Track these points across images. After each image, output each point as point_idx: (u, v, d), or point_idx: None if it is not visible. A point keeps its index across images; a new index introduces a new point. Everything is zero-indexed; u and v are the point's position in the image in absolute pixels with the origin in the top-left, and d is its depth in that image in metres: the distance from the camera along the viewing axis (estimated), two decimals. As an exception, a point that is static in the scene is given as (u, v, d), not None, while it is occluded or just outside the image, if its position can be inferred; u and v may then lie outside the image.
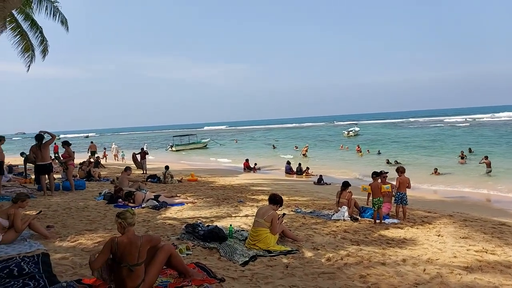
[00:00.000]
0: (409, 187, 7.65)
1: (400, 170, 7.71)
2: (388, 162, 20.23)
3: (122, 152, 29.91)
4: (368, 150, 26.96)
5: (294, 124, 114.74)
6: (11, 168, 15.04)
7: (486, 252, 5.20)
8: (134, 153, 19.16)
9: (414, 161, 21.06)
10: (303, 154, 26.76)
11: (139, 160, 18.35)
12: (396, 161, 19.97)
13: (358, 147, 28.03)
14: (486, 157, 16.17)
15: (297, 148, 33.69)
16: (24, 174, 13.44)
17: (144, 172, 17.55)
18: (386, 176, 7.84)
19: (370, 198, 7.64)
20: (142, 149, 19.74)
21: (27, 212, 6.99)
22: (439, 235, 6.21)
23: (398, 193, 7.57)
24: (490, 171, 15.57)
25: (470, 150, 22.65)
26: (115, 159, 28.80)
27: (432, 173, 16.10)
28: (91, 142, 26.31)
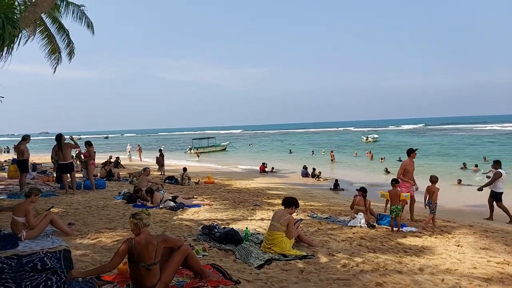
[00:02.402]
0: (434, 197, 7.59)
1: (432, 180, 7.76)
2: (387, 171, 19.87)
3: (130, 153, 30.64)
4: (383, 158, 26.50)
5: (304, 130, 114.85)
6: (35, 166, 15.56)
7: (508, 264, 5.05)
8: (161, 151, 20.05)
9: (432, 170, 20.58)
10: (332, 160, 26.84)
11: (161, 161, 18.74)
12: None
13: (370, 153, 28.25)
14: (476, 165, 17.42)
15: (313, 153, 33.56)
16: None
17: (162, 173, 17.83)
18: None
19: (388, 205, 7.55)
20: (161, 150, 20.28)
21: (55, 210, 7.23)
22: (458, 245, 6.07)
23: (429, 202, 7.66)
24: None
25: (485, 159, 22.65)
26: (129, 160, 29.38)
27: (455, 184, 15.68)
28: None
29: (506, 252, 5.69)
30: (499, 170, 9.43)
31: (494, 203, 9.52)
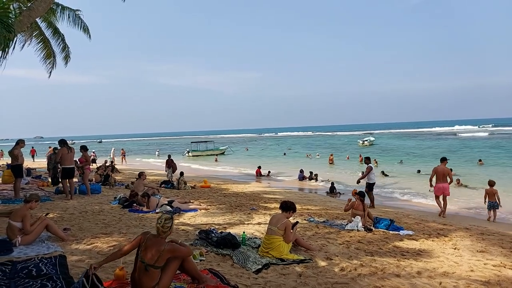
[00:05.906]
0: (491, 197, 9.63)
1: (490, 184, 9.64)
2: (384, 174, 19.96)
3: (109, 156, 30.61)
4: (376, 161, 26.52)
5: (299, 133, 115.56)
6: (29, 171, 15.41)
7: (505, 267, 5.07)
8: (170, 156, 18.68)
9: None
10: (330, 163, 26.92)
11: (169, 167, 17.68)
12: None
13: (361, 157, 28.38)
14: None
15: (308, 156, 33.65)
16: None
17: (170, 178, 16.77)
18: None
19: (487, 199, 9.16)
20: (169, 155, 19.06)
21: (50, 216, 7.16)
22: (455, 248, 6.09)
23: (489, 202, 9.57)
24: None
25: (480, 161, 23.02)
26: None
27: (455, 185, 15.58)
28: (49, 147, 23.21)
29: (503, 255, 5.72)
30: (370, 165, 11.50)
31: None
